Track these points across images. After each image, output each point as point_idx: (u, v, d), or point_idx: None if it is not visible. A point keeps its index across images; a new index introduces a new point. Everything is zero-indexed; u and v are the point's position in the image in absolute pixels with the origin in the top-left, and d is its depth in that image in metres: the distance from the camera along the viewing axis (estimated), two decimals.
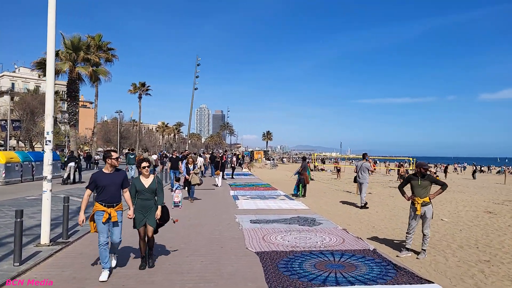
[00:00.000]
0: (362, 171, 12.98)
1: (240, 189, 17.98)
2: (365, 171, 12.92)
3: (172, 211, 10.86)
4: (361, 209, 12.37)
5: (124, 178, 5.47)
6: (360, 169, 13.08)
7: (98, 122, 65.69)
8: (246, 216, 10.27)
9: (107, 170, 5.36)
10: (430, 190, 6.90)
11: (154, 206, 5.71)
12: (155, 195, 5.74)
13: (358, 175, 13.12)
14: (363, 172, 12.94)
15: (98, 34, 38.52)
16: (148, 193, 5.65)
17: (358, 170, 13.17)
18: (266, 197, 14.75)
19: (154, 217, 5.66)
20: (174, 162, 16.55)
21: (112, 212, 5.22)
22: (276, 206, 12.16)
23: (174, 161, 16.67)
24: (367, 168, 12.97)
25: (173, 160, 16.93)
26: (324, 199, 14.91)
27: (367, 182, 12.93)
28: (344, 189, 19.81)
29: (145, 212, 5.64)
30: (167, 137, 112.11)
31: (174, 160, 16.76)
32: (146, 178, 5.74)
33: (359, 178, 13.01)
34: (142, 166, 5.69)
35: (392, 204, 13.74)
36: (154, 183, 5.71)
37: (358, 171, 13.16)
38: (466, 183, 32.11)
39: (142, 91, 51.95)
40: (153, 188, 5.68)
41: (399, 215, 11.25)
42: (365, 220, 10.37)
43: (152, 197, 5.71)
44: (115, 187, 5.29)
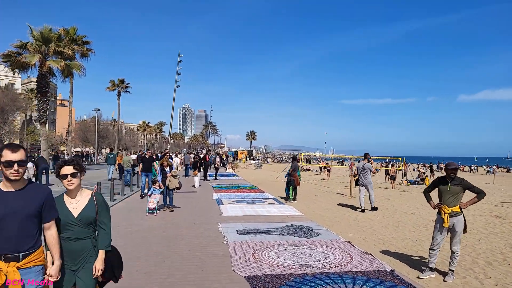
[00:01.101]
0: (364, 173, 11.86)
1: (224, 191, 16.55)
2: (368, 173, 11.84)
3: (146, 219, 9.40)
4: (362, 213, 11.20)
5: (44, 201, 2.71)
6: (362, 170, 11.93)
7: (77, 121, 63.21)
8: (232, 224, 8.86)
9: (5, 187, 2.66)
10: (462, 197, 5.63)
11: (92, 250, 3.05)
12: (93, 229, 3.08)
13: (359, 177, 11.98)
14: (365, 173, 11.84)
15: (72, 27, 36.34)
16: (80, 226, 2.98)
17: (359, 172, 12.00)
18: (253, 200, 13.37)
19: (91, 274, 3.00)
20: (147, 163, 14.12)
21: (11, 273, 2.53)
22: (265, 212, 10.79)
23: (146, 162, 14.22)
24: (369, 169, 11.88)
25: (145, 160, 14.46)
26: (316, 202, 13.62)
27: (371, 184, 11.86)
28: (335, 191, 18.61)
29: (74, 265, 2.97)
30: (148, 136, 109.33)
31: (146, 161, 14.31)
32: (73, 198, 3.03)
33: (361, 180, 11.86)
34: (61, 174, 2.98)
35: (391, 208, 12.56)
36: (90, 208, 3.02)
37: (359, 173, 12.00)
38: None
39: (121, 88, 49.76)
40: (89, 217, 3.00)
41: (403, 222, 10.04)
42: (367, 228, 9.10)
43: (89, 234, 3.04)
44: (18, 221, 2.59)
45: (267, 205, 12.29)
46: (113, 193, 12.82)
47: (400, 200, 14.99)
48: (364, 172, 11.86)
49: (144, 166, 14.15)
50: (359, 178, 11.95)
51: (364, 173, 11.83)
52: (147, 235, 7.61)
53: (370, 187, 11.83)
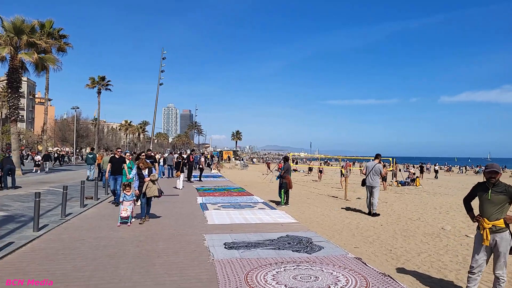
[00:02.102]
0: (373, 174, 11.04)
1: (209, 194, 15.26)
2: (378, 174, 11.05)
3: (117, 230, 8.02)
4: (370, 218, 10.11)
5: None
6: (372, 171, 11.11)
7: (57, 120, 60.66)
8: (219, 236, 7.60)
9: None
10: (507, 209, 4.50)
11: None
12: None
13: (368, 178, 11.14)
14: (374, 174, 11.03)
15: (48, 20, 34.50)
16: None
17: (368, 172, 11.18)
18: (242, 205, 12.13)
19: None
20: (116, 164, 11.67)
21: None
22: (256, 219, 9.56)
23: (116, 163, 11.71)
24: (380, 171, 11.07)
25: (114, 161, 11.76)
26: (311, 207, 12.47)
27: (378, 187, 11.11)
28: (328, 193, 17.54)
29: None
30: (131, 136, 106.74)
31: (116, 161, 11.73)
32: None
33: (370, 181, 11.04)
34: None
35: (393, 213, 11.52)
36: None
37: (368, 174, 11.17)
38: (445, 184, 30.93)
39: (101, 85, 47.71)
40: None
41: (411, 230, 8.97)
42: (374, 238, 7.98)
43: None
44: None
45: (257, 210, 11.08)
46: (84, 198, 11.39)
47: (398, 204, 13.99)
48: (373, 173, 11.10)
49: (113, 168, 11.76)
50: (367, 178, 11.15)
51: (374, 174, 11.08)
52: (116, 253, 6.29)
53: (376, 189, 11.07)
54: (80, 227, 8.27)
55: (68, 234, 7.61)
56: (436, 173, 40.01)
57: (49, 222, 8.85)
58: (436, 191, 22.50)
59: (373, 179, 11.08)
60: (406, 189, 25.24)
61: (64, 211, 9.55)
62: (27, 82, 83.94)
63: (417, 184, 27.87)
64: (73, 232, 7.76)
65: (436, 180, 36.19)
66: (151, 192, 8.92)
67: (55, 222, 8.82)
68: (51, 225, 8.44)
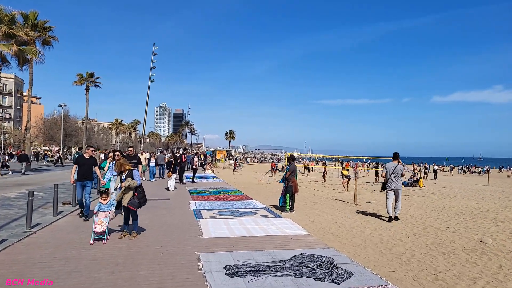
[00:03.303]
0: (395, 176, 10.18)
1: (204, 198, 13.72)
2: (400, 176, 10.25)
3: (89, 249, 6.32)
4: (392, 228, 8.63)
5: None
6: (394, 173, 10.21)
7: (47, 119, 58.33)
8: (217, 255, 6.08)
9: None
10: None
11: None
12: None
13: (391, 181, 10.19)
14: (397, 177, 10.18)
15: (33, 12, 32.68)
16: None
17: (390, 175, 10.21)
18: (241, 212, 10.61)
19: None
20: (85, 166, 9.06)
21: None
22: (260, 231, 8.04)
23: (84, 165, 9.05)
24: (402, 172, 10.30)
25: (82, 162, 9.05)
26: (320, 214, 10.98)
27: (401, 189, 10.30)
28: (333, 196, 16.09)
29: None
30: (123, 135, 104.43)
31: (84, 163, 9.06)
32: None
33: (394, 184, 10.16)
34: None
35: (415, 221, 10.10)
36: None
37: (389, 176, 10.24)
38: (448, 185, 29.71)
39: (90, 82, 45.79)
40: None
41: (446, 244, 7.52)
42: (407, 256, 6.51)
43: None
44: None
45: (260, 218, 9.56)
46: (57, 203, 9.76)
47: (414, 209, 12.58)
48: (395, 175, 10.19)
49: (80, 171, 8.99)
50: (389, 181, 10.24)
51: (396, 176, 10.18)
52: (82, 284, 4.74)
53: (400, 192, 10.22)
54: (45, 244, 6.69)
55: (26, 254, 6.03)
56: (435, 173, 38.84)
57: (9, 235, 7.26)
58: (443, 192, 21.22)
59: (396, 181, 10.19)
60: (411, 190, 23.93)
61: (29, 221, 7.95)
62: (14, 80, 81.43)
63: (420, 185, 26.60)
64: (33, 251, 6.18)
65: (436, 180, 35.03)
66: (125, 201, 7.05)
67: (16, 236, 7.22)
68: (10, 240, 6.85)
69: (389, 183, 10.22)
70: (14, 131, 64.20)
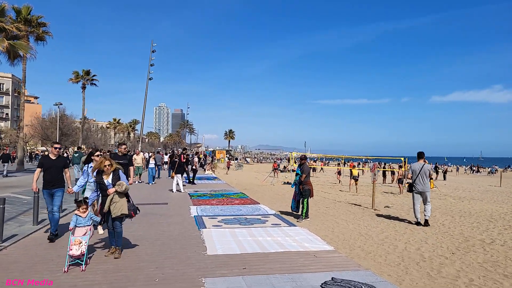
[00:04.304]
0: (423, 177, 9.48)
1: (206, 202, 12.44)
2: (428, 177, 9.51)
3: (63, 277, 4.93)
4: (429, 240, 7.36)
5: None
6: (421, 173, 9.49)
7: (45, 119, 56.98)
8: (227, 281, 4.79)
9: None
10: None
11: None
12: None
13: (418, 182, 9.49)
14: (424, 178, 9.48)
15: (26, 6, 31.33)
16: None
17: (416, 176, 9.53)
18: (249, 219, 9.33)
19: None
20: (53, 170, 7.08)
21: None
22: (274, 244, 6.75)
23: (51, 168, 7.07)
24: (429, 172, 9.57)
25: (49, 164, 7.07)
26: (338, 221, 9.68)
27: (430, 191, 9.66)
28: (346, 200, 14.81)
29: None
30: (121, 135, 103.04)
31: (51, 166, 7.08)
32: None
33: (421, 186, 9.45)
34: None
35: (450, 231, 8.84)
36: None
37: (416, 177, 9.51)
38: (459, 186, 28.46)
39: (86, 80, 44.45)
40: None
41: (502, 262, 6.24)
42: (465, 282, 5.22)
43: None
44: None
45: (272, 228, 8.27)
46: (37, 210, 8.46)
47: (440, 215, 11.30)
48: (422, 176, 9.49)
49: (47, 176, 7.03)
50: (416, 183, 9.52)
51: (423, 177, 9.49)
52: None
53: (429, 194, 9.53)
54: (12, 265, 5.40)
55: None
56: (445, 174, 37.60)
57: None
58: (458, 194, 20.00)
59: (424, 183, 9.48)
60: None
61: (0, 234, 6.67)
62: (11, 79, 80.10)
63: (431, 186, 25.38)
64: None
65: (445, 181, 33.76)
66: (117, 210, 5.67)
67: None
68: None
69: (416, 184, 9.56)
70: (10, 131, 62.88)
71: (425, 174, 9.49)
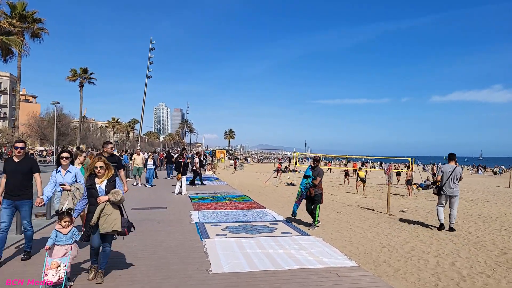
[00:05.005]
0: (453, 180, 8.88)
1: (207, 206, 11.58)
2: (458, 179, 8.95)
3: None
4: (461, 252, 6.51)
5: None
6: (452, 176, 8.89)
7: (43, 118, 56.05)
8: None
9: None
10: None
11: None
12: None
13: (448, 185, 8.91)
14: (455, 181, 8.91)
15: (20, 2, 30.52)
16: None
17: (447, 179, 8.91)
18: (255, 227, 8.46)
19: None
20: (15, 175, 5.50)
21: None
22: (289, 260, 5.87)
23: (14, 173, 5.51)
24: (460, 175, 8.98)
25: (11, 168, 5.52)
26: (354, 229, 8.78)
27: (458, 195, 9.09)
28: (356, 203, 13.95)
29: None
30: (121, 135, 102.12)
31: (14, 170, 5.52)
32: None
33: (450, 190, 8.88)
34: None
35: (465, 233, 7.98)
36: None
37: (446, 180, 8.92)
38: (467, 187, 27.59)
39: (84, 78, 43.57)
40: None
41: None
42: None
43: None
44: None
45: (282, 238, 7.40)
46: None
47: (462, 221, 10.42)
48: (453, 179, 8.90)
49: (8, 185, 5.49)
50: (445, 186, 8.94)
51: (454, 180, 8.91)
52: None
53: (457, 199, 9.00)
54: None
55: None
56: None
57: None
58: (469, 196, 19.13)
59: (453, 186, 8.96)
60: (432, 193, 21.93)
61: None
62: (9, 78, 79.20)
63: None
64: None
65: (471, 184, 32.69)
66: (108, 225, 4.59)
67: None
68: None
69: (445, 188, 8.96)
70: (7, 130, 61.95)
71: (456, 177, 8.92)
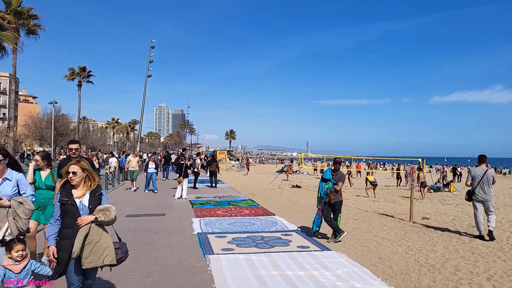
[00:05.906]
0: (485, 185, 8.02)
1: (210, 212, 10.50)
2: (491, 183, 8.08)
3: None
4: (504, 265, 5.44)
5: None
6: (483, 180, 8.00)
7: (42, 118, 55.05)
8: None
9: None
10: None
11: None
12: None
13: (479, 190, 8.06)
14: (487, 185, 8.05)
15: None
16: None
17: (478, 183, 8.08)
18: (266, 239, 7.37)
19: None
20: None
21: None
22: (312, 285, 4.80)
23: None
24: (493, 178, 8.08)
25: None
26: (380, 241, 7.63)
27: (493, 200, 8.22)
28: (371, 208, 12.83)
29: None
30: (121, 135, 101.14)
31: None
32: None
33: (480, 195, 8.05)
34: None
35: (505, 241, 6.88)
36: None
37: (477, 184, 8.08)
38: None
39: (82, 77, 42.55)
40: None
41: None
42: None
43: None
44: None
45: (300, 254, 6.30)
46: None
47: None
48: (485, 183, 8.05)
49: None
50: (476, 190, 8.13)
51: (486, 184, 8.06)
52: None
53: (492, 204, 8.12)
54: None
55: None
56: (460, 175, 35.55)
57: None
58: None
59: (486, 191, 8.10)
60: (445, 195, 20.82)
61: None
62: (9, 78, 78.31)
63: (451, 189, 23.42)
64: None
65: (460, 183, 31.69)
66: (97, 257, 3.29)
67: None
68: None
69: (477, 192, 8.09)
70: (5, 130, 60.98)
71: (488, 181, 8.02)
